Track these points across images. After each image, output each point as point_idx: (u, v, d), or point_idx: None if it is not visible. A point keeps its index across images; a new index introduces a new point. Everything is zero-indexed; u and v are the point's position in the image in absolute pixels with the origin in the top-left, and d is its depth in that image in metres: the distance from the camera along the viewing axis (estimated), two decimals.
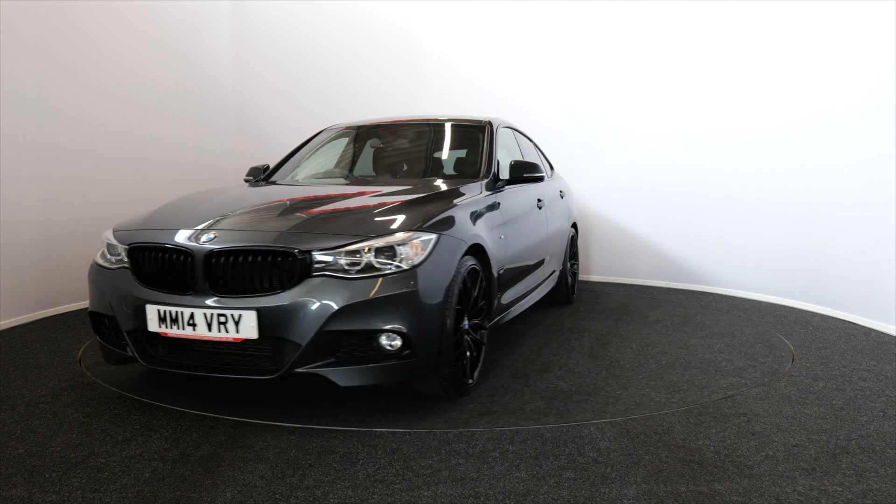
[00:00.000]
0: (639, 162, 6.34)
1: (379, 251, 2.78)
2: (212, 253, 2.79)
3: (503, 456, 2.56)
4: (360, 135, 4.79)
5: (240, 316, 2.69)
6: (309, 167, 4.55)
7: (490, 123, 4.41)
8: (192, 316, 2.75)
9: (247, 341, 2.73)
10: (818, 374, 3.64)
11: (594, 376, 3.56)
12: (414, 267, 2.78)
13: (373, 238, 2.79)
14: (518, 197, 4.17)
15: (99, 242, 3.38)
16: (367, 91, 7.14)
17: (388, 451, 2.60)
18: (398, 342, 2.76)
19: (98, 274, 3.15)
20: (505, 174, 4.05)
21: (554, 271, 5.04)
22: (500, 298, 3.67)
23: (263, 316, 2.67)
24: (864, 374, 3.63)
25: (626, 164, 6.40)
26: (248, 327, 2.69)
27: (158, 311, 2.82)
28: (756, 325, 4.79)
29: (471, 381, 3.22)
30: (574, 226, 5.70)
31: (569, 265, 5.48)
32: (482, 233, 3.35)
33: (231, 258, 2.77)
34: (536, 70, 6.77)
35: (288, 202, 3.42)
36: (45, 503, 2.19)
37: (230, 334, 2.71)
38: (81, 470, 2.42)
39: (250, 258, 2.75)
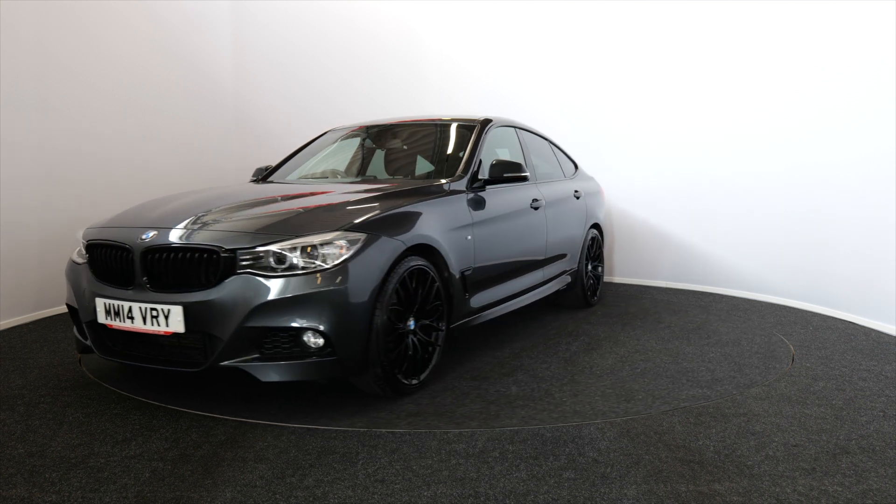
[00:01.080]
0: (637, 163, 6.34)
1: (302, 250, 2.84)
2: (148, 250, 2.94)
3: (503, 456, 2.56)
4: (357, 136, 4.81)
5: (169, 310, 2.83)
6: (305, 167, 4.65)
7: (479, 123, 4.33)
8: (130, 309, 2.92)
9: (178, 335, 2.84)
10: (818, 374, 3.64)
11: (553, 382, 3.45)
12: (336, 266, 2.82)
13: (296, 238, 2.86)
14: (503, 197, 4.08)
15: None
16: (367, 91, 7.15)
17: (388, 451, 2.60)
18: (321, 340, 2.82)
19: (70, 269, 3.39)
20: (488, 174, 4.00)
21: (563, 273, 4.94)
22: (468, 300, 3.63)
23: (189, 311, 2.80)
24: (864, 374, 3.63)
25: (625, 165, 6.40)
26: (176, 321, 2.82)
27: (105, 304, 3.01)
28: (756, 325, 4.79)
29: (415, 382, 3.22)
30: (597, 227, 5.55)
31: (589, 267, 5.37)
32: (436, 233, 3.32)
33: (164, 255, 2.92)
34: (537, 70, 6.77)
35: (249, 202, 3.46)
36: (45, 503, 2.19)
37: (161, 328, 2.86)
38: (81, 470, 2.42)
39: (181, 255, 2.89)
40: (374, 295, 2.92)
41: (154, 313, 2.86)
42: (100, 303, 3.03)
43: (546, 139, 5.34)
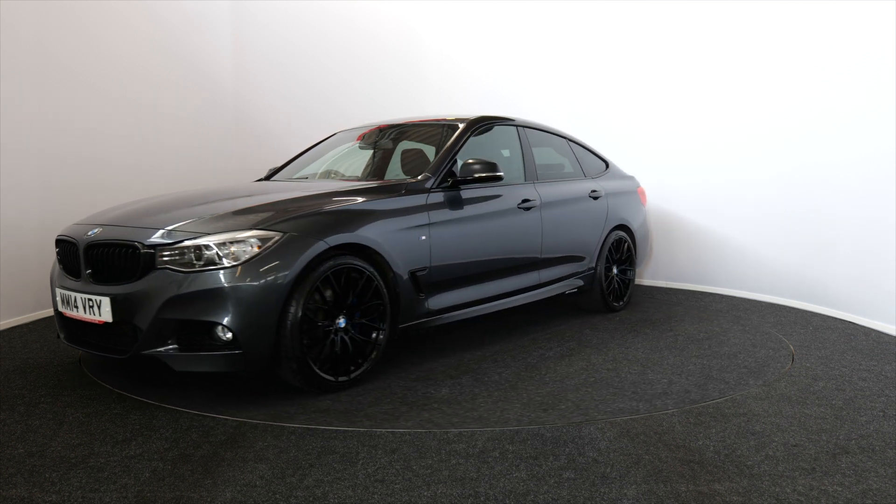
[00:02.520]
0: (638, 163, 6.33)
1: (217, 247, 2.97)
2: (89, 245, 3.21)
3: (503, 456, 2.56)
4: (360, 137, 4.83)
5: (100, 301, 3.07)
6: (303, 167, 4.74)
7: (464, 123, 4.29)
8: (75, 299, 3.20)
9: (108, 324, 3.07)
10: (818, 374, 3.64)
11: (490, 387, 3.37)
12: (245, 263, 2.94)
13: (209, 236, 3.00)
14: (482, 197, 4.04)
15: None
16: (367, 91, 7.15)
17: (388, 451, 2.60)
18: (230, 334, 2.94)
19: (55, 263, 3.64)
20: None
21: (571, 276, 4.81)
22: (424, 301, 3.64)
23: (115, 302, 3.03)
24: (864, 374, 3.63)
25: (625, 166, 6.39)
26: (106, 311, 3.06)
27: (61, 294, 3.33)
28: (756, 325, 4.79)
29: (343, 379, 3.25)
30: (625, 229, 5.32)
31: (614, 271, 5.21)
32: (375, 233, 3.35)
33: (101, 250, 3.17)
34: (538, 70, 6.78)
35: (205, 200, 3.57)
36: (45, 503, 2.19)
37: (96, 317, 3.11)
38: (81, 470, 2.42)
39: (111, 251, 3.13)
40: (287, 292, 3.00)
41: (90, 303, 3.12)
42: (58, 293, 3.36)
43: (565, 137, 5.19)
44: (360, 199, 3.49)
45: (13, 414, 2.99)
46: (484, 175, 3.87)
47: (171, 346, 2.96)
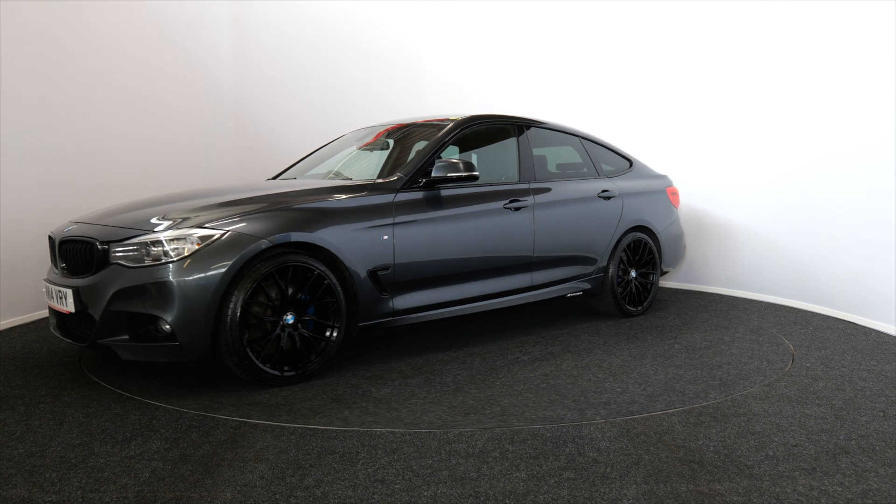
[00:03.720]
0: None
1: (157, 244, 3.15)
2: (62, 241, 3.48)
3: (503, 456, 2.56)
4: (365, 137, 4.85)
5: (66, 293, 3.30)
6: (304, 167, 4.78)
7: (450, 123, 4.27)
8: (51, 291, 3.46)
9: (72, 313, 3.30)
10: (818, 374, 3.64)
11: (430, 388, 3.34)
12: (183, 260, 3.10)
13: (152, 233, 3.19)
14: (461, 197, 4.02)
15: None
16: (367, 91, 7.14)
17: (388, 451, 2.60)
18: (168, 327, 3.10)
19: None
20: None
21: (574, 278, 4.68)
22: (387, 300, 3.67)
23: (76, 294, 3.25)
24: (864, 374, 3.63)
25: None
26: (70, 302, 3.29)
27: (46, 286, 3.57)
28: (756, 325, 4.78)
29: (290, 374, 3.33)
30: (645, 230, 5.12)
31: (631, 274, 5.02)
32: (328, 232, 3.41)
33: (70, 246, 3.43)
34: (541, 70, 6.77)
35: (177, 200, 3.67)
36: (45, 503, 2.19)
37: (64, 307, 3.34)
38: (81, 470, 2.42)
39: (77, 247, 3.38)
40: (225, 288, 3.12)
41: (60, 294, 3.36)
42: (44, 284, 3.61)
43: (577, 135, 5.07)
44: (318, 199, 3.55)
45: (13, 414, 2.99)
46: (455, 175, 3.86)
47: (123, 337, 3.17)
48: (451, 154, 4.53)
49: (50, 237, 3.69)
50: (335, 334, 3.47)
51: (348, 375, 3.56)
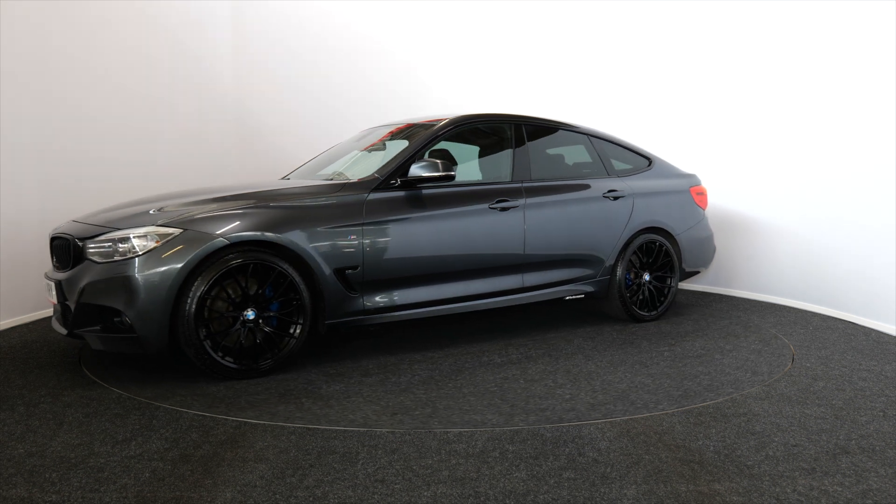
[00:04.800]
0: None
1: (124, 241, 3.33)
2: (52, 237, 3.70)
3: (503, 456, 2.56)
4: (374, 135, 4.87)
5: (52, 286, 3.54)
6: (315, 166, 4.81)
7: (437, 123, 4.27)
8: (48, 285, 3.64)
9: (57, 304, 3.52)
10: (818, 374, 3.64)
11: (385, 390, 3.32)
12: (141, 256, 3.27)
13: (117, 231, 3.37)
14: (442, 197, 4.01)
15: None
16: (368, 92, 7.14)
17: (388, 451, 2.60)
18: (127, 320, 3.27)
19: None
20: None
21: (572, 280, 4.54)
22: (357, 299, 3.71)
23: (58, 287, 3.48)
24: (864, 374, 3.63)
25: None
26: (54, 294, 3.54)
27: (44, 280, 3.77)
28: (756, 325, 4.78)
29: (249, 367, 3.44)
30: (661, 231, 4.89)
31: (645, 278, 4.81)
32: (287, 231, 3.50)
33: (56, 242, 3.64)
34: (543, 71, 6.77)
35: (163, 199, 3.81)
36: (45, 503, 2.19)
37: (52, 299, 3.59)
38: (81, 470, 2.42)
39: (62, 243, 3.58)
40: (180, 284, 3.27)
41: (49, 287, 3.60)
42: (45, 279, 3.79)
43: (586, 133, 4.91)
44: (288, 199, 3.64)
45: (13, 414, 2.99)
46: (429, 175, 3.87)
47: (96, 328, 3.36)
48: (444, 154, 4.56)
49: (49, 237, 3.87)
50: (298, 331, 3.55)
51: (305, 371, 3.62)
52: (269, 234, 3.44)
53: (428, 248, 3.95)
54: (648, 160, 5.15)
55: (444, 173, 3.88)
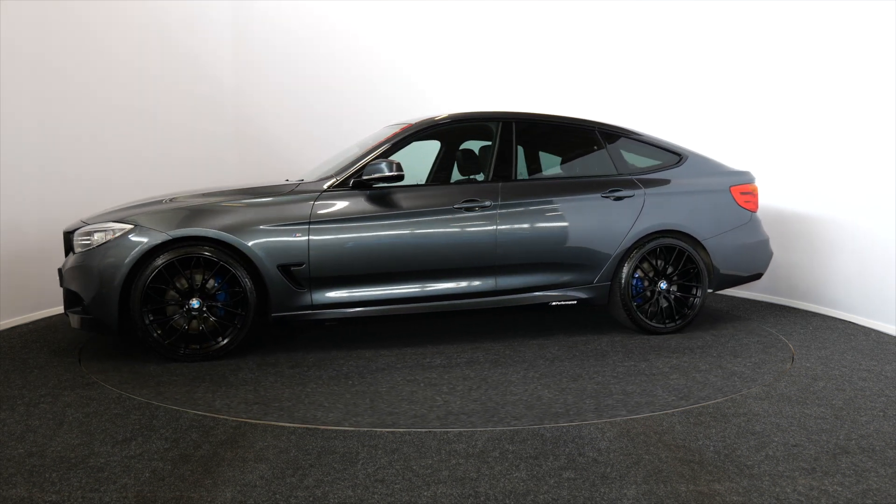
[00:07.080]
0: None
1: (88, 235, 3.77)
2: (65, 231, 4.02)
3: (503, 456, 2.56)
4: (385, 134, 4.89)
5: (59, 272, 3.97)
6: (319, 167, 4.78)
7: (411, 124, 4.27)
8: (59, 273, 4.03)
9: (63, 289, 3.91)
10: (818, 374, 3.64)
11: (315, 384, 3.37)
12: (97, 248, 3.71)
13: (88, 224, 3.82)
14: (395, 198, 4.04)
15: None
16: (368, 92, 7.13)
17: (388, 451, 2.60)
18: (86, 303, 3.72)
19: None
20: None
21: (561, 285, 4.28)
22: (305, 294, 3.88)
23: (59, 273, 3.96)
24: (864, 374, 3.63)
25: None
26: (58, 280, 3.98)
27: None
28: (756, 325, 4.78)
29: (191, 351, 3.76)
30: (682, 235, 4.42)
31: (660, 286, 4.39)
32: (229, 228, 3.75)
33: (67, 235, 3.96)
34: (545, 72, 6.77)
35: (154, 199, 4.13)
36: (45, 503, 2.20)
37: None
38: (81, 470, 2.43)
39: (67, 236, 3.93)
40: (127, 273, 3.65)
41: (59, 275, 3.98)
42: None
43: (594, 129, 4.55)
44: (239, 198, 3.94)
45: (13, 414, 2.99)
46: (379, 176, 3.93)
47: (78, 308, 3.77)
48: (431, 154, 4.67)
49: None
50: (241, 321, 3.82)
51: (247, 360, 3.82)
52: (210, 231, 3.73)
53: (380, 247, 4.02)
54: (679, 156, 4.68)
55: (396, 173, 3.90)
